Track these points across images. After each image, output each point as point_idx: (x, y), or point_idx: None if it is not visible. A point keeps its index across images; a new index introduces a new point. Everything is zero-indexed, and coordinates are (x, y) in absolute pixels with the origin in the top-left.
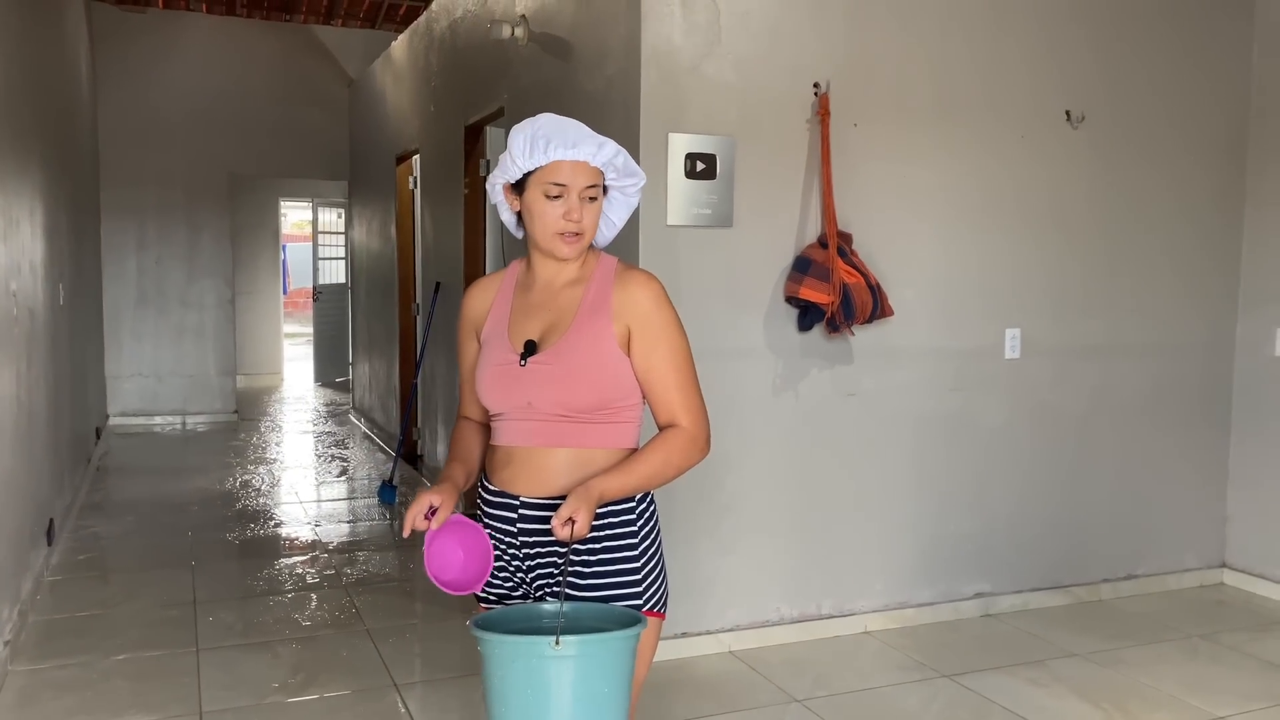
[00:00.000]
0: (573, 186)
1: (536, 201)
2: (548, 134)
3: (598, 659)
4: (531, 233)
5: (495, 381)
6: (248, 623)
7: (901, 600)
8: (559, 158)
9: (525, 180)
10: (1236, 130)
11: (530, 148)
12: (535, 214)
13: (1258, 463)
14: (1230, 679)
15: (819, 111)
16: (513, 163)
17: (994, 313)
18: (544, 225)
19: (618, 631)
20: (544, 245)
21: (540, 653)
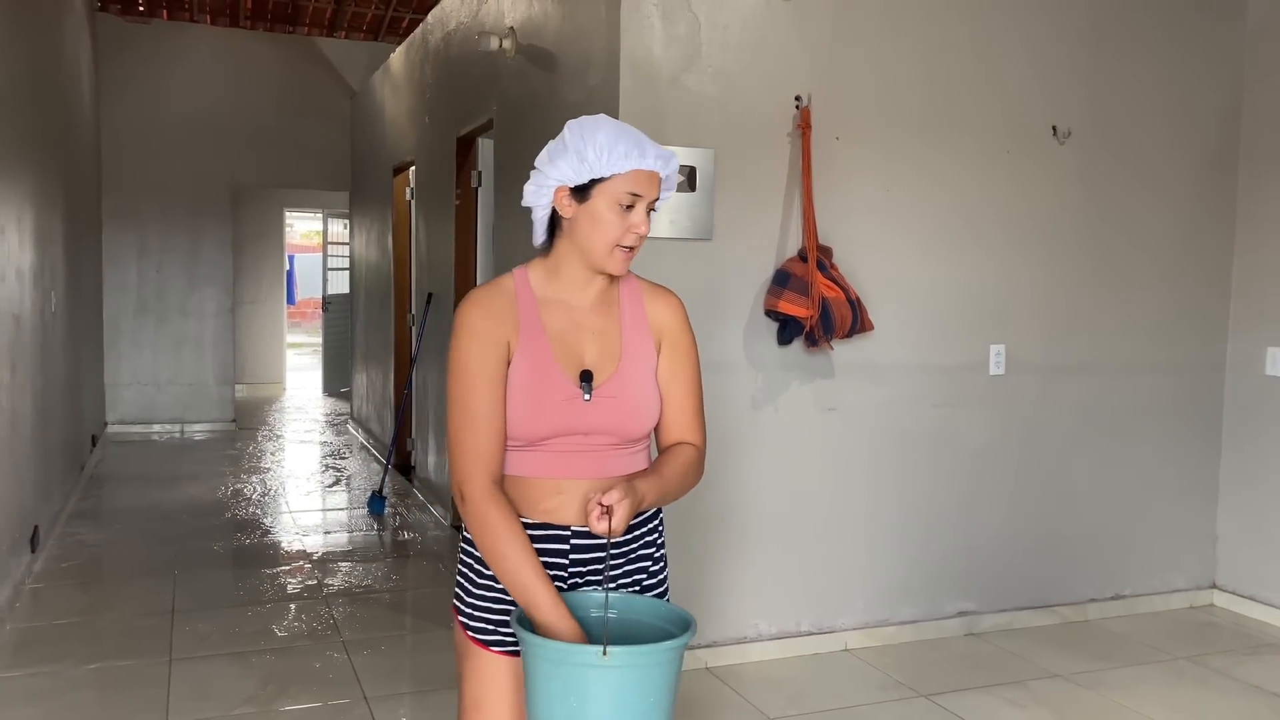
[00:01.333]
0: (646, 198)
1: (604, 210)
2: (627, 139)
3: (644, 670)
4: (582, 243)
5: (554, 415)
6: (224, 633)
7: (883, 618)
8: (642, 166)
9: (590, 186)
10: (1227, 147)
11: (610, 152)
12: (598, 224)
13: (1248, 482)
14: (1215, 703)
15: (800, 124)
16: (583, 164)
17: (978, 329)
18: (605, 237)
19: (665, 644)
20: (596, 259)
21: (586, 661)
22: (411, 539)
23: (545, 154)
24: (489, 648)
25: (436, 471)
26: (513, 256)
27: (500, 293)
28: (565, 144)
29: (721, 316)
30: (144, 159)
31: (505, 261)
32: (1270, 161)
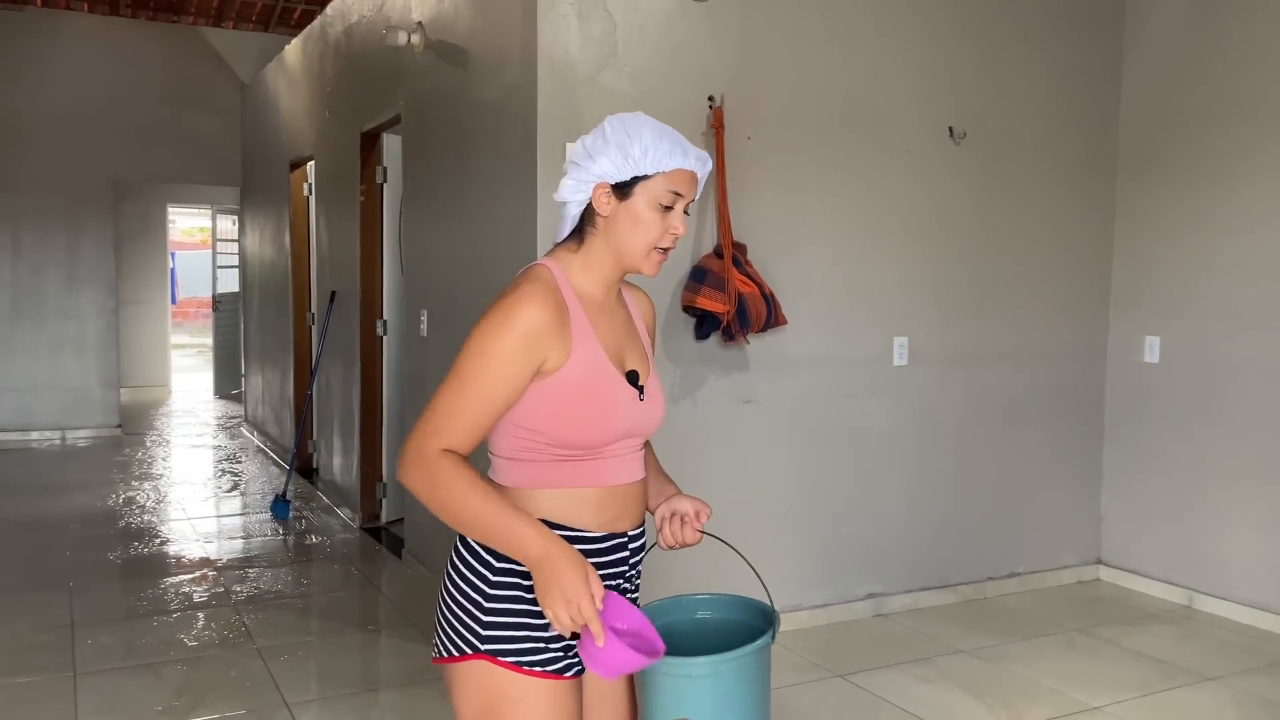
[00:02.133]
0: (686, 198)
1: (644, 210)
2: (670, 138)
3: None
4: (620, 242)
5: (624, 418)
6: (130, 645)
7: (796, 603)
8: (685, 166)
9: (633, 184)
10: (1108, 147)
11: (655, 149)
12: (639, 223)
13: (1129, 464)
14: (1105, 671)
15: (714, 124)
16: (626, 161)
17: (882, 321)
18: (644, 237)
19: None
20: (632, 259)
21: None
22: (319, 542)
23: (582, 149)
24: (532, 669)
25: (342, 473)
26: (422, 253)
27: (555, 294)
28: (607, 139)
29: None
30: (17, 153)
31: (414, 258)
32: (1147, 162)
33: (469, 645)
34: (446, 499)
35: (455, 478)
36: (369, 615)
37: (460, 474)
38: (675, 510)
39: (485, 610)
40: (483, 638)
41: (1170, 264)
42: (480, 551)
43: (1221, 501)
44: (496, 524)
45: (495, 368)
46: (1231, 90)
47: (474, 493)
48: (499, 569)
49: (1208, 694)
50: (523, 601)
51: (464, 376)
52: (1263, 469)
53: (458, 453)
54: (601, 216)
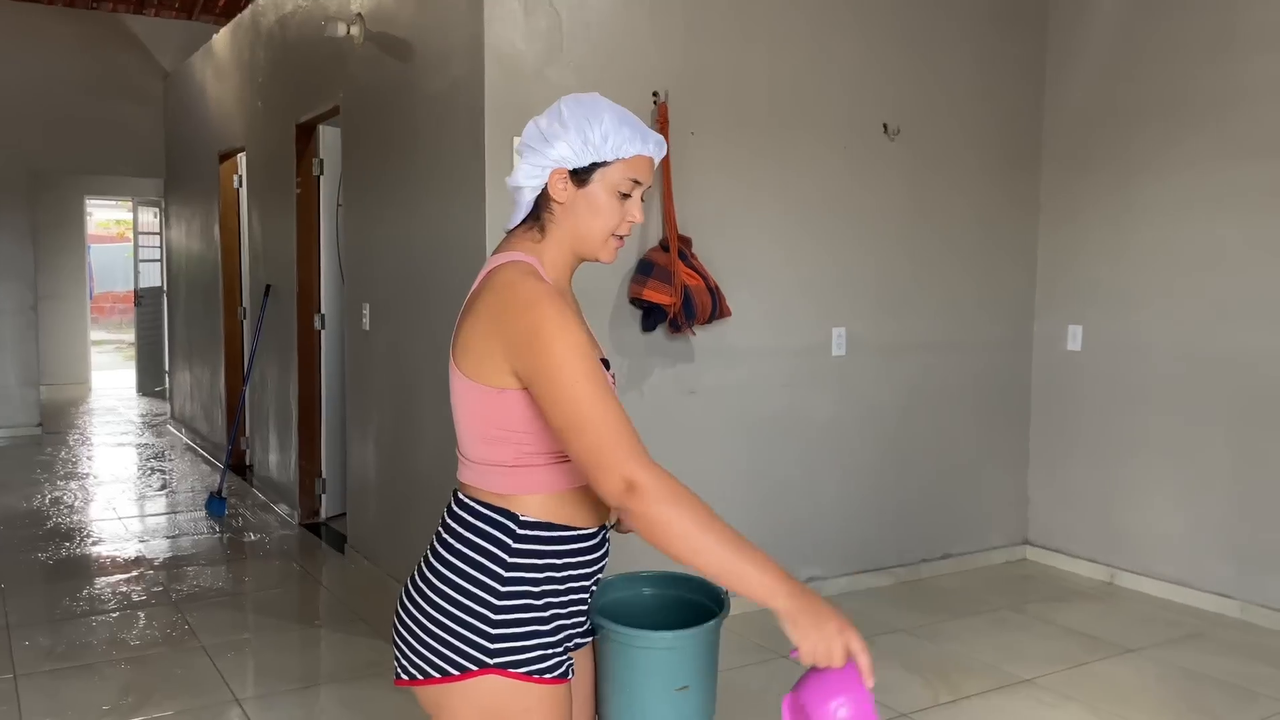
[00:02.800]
0: (644, 185)
1: (603, 196)
2: (630, 123)
3: (693, 649)
4: (577, 230)
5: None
6: (69, 645)
7: None
8: (644, 152)
9: (591, 170)
10: (1031, 145)
11: (615, 135)
12: (597, 210)
13: (1054, 448)
14: (1035, 645)
15: (658, 120)
16: (586, 146)
17: (822, 313)
18: (602, 224)
19: (710, 623)
20: (589, 247)
21: (654, 645)
22: (258, 539)
23: (538, 132)
24: (543, 678)
25: (279, 470)
26: (363, 246)
27: (549, 284)
28: (565, 122)
29: (587, 305)
30: None
31: (355, 252)
32: (1068, 159)
33: (473, 661)
34: (685, 529)
35: (691, 503)
36: (313, 610)
37: (694, 499)
38: None
39: (494, 622)
40: (492, 651)
41: (1092, 255)
42: (482, 560)
43: (1141, 482)
44: (740, 559)
45: (593, 373)
46: (1151, 88)
47: (711, 523)
48: (509, 577)
49: (1131, 665)
50: (532, 609)
51: (589, 385)
52: (1179, 451)
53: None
54: (557, 203)
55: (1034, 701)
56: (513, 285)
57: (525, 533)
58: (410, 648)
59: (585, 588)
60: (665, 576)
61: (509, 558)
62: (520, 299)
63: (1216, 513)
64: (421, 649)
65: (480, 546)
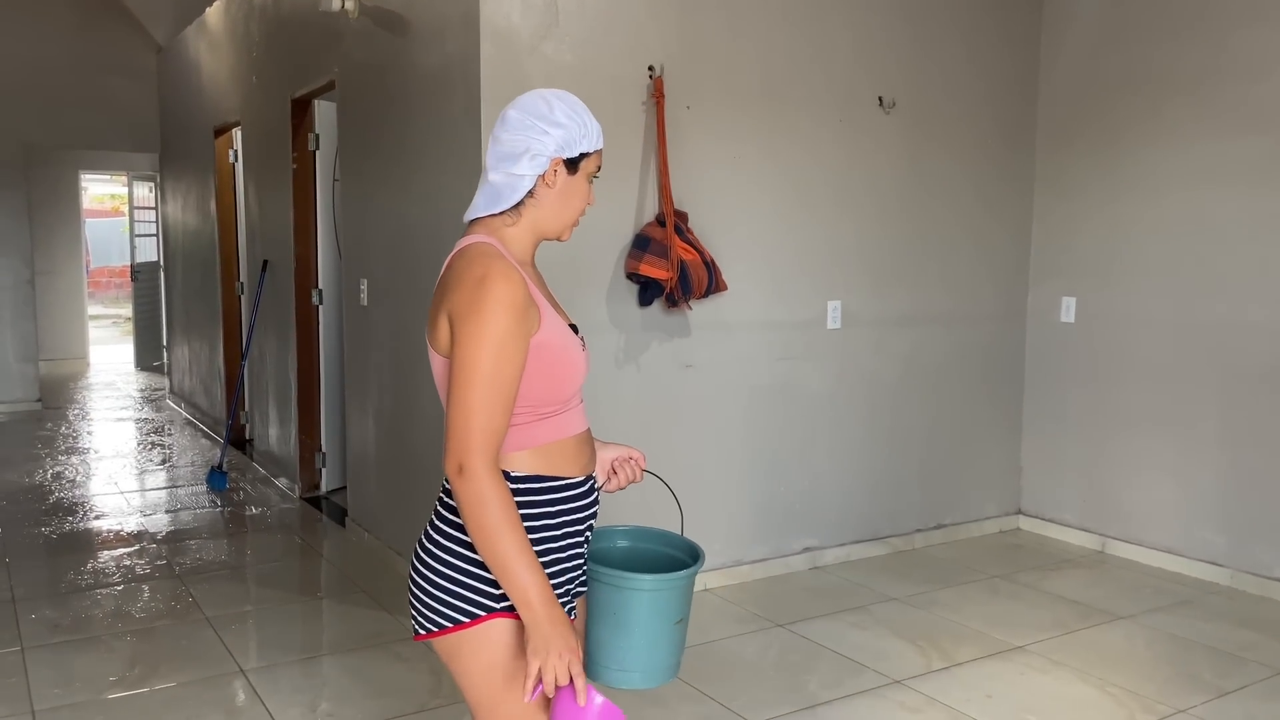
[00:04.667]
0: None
1: (581, 184)
2: (593, 116)
3: (670, 593)
4: (554, 213)
5: (581, 368)
6: (75, 618)
7: (737, 558)
8: (600, 144)
9: (580, 159)
10: (1026, 117)
11: (593, 127)
12: (574, 196)
13: (1046, 419)
14: (1026, 613)
15: (654, 94)
16: (586, 139)
17: (817, 286)
18: (574, 208)
19: (686, 570)
20: (556, 228)
21: (633, 586)
22: (260, 513)
23: (533, 124)
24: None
25: (279, 444)
26: (360, 221)
27: (514, 265)
28: (555, 117)
29: (584, 280)
30: None
31: (352, 227)
32: (1062, 132)
33: (482, 608)
34: (490, 523)
35: (501, 509)
36: (315, 583)
37: (504, 505)
38: (619, 456)
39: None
40: (498, 596)
41: (1085, 228)
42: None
43: (1132, 453)
44: (521, 570)
45: (508, 351)
46: (1144, 61)
47: (514, 531)
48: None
49: (1121, 631)
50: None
51: (481, 371)
52: (1169, 421)
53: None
54: (547, 187)
55: (1025, 667)
56: (471, 263)
57: (517, 487)
58: (423, 604)
59: (580, 533)
60: (639, 530)
61: None
62: (473, 275)
63: (1207, 482)
64: (433, 603)
65: None
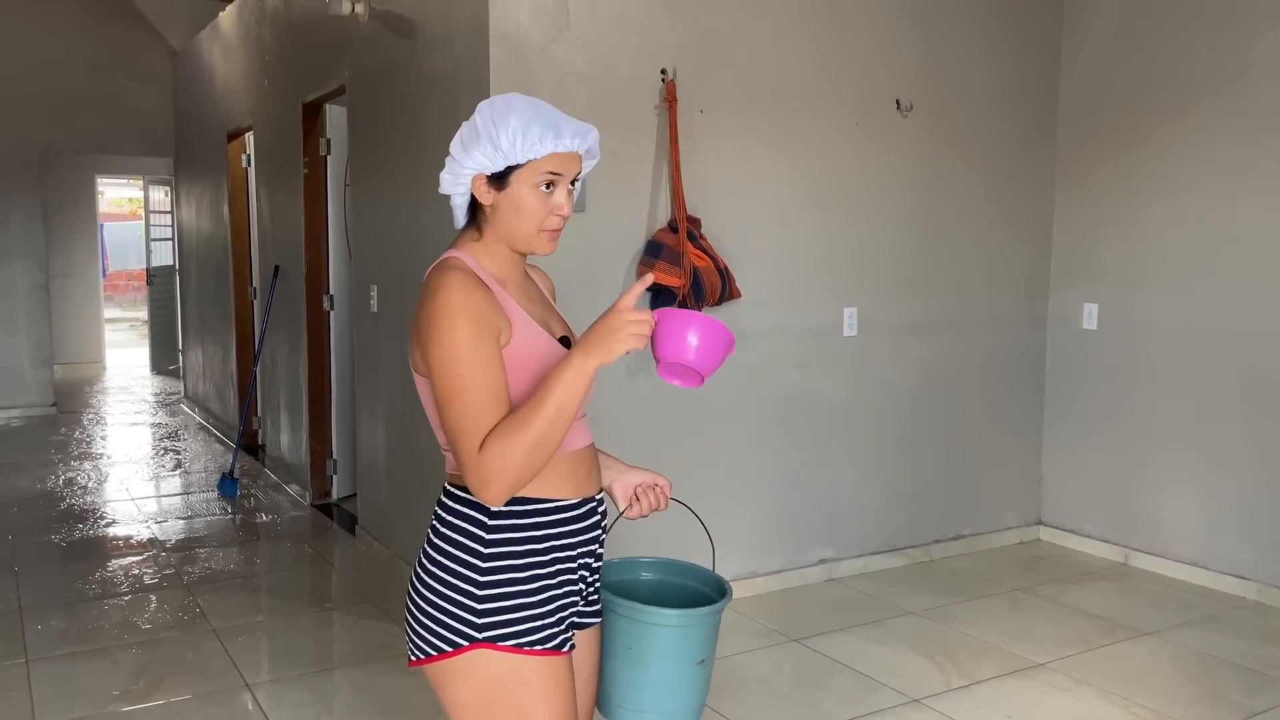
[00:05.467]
0: (566, 176)
1: (525, 196)
2: (541, 121)
3: (694, 630)
4: (508, 228)
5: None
6: (81, 629)
7: (752, 569)
8: (558, 149)
9: (509, 173)
10: (1047, 119)
11: (523, 138)
12: (521, 209)
13: (1068, 428)
14: (1048, 628)
15: (666, 98)
16: (498, 152)
17: (833, 293)
18: (530, 221)
19: (712, 606)
20: (522, 242)
21: (654, 621)
22: (270, 521)
23: (458, 141)
24: (533, 649)
25: (290, 450)
26: (371, 227)
27: (474, 277)
28: (478, 131)
29: (596, 287)
30: None
31: (364, 233)
32: (1084, 134)
33: (463, 637)
34: (532, 449)
35: (511, 439)
36: (325, 593)
37: (505, 434)
38: (643, 482)
39: (479, 598)
40: (479, 626)
41: (1108, 233)
42: (464, 540)
43: (1156, 462)
44: (554, 401)
45: (478, 358)
46: (1168, 63)
47: (527, 422)
48: (488, 554)
49: (1145, 648)
50: (516, 583)
51: (459, 383)
52: (1194, 430)
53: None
54: (485, 205)
55: (1046, 686)
56: (429, 281)
57: (499, 510)
58: (413, 630)
59: (572, 559)
60: (667, 563)
61: (487, 535)
62: (428, 291)
63: (1233, 493)
64: (421, 630)
65: (461, 528)
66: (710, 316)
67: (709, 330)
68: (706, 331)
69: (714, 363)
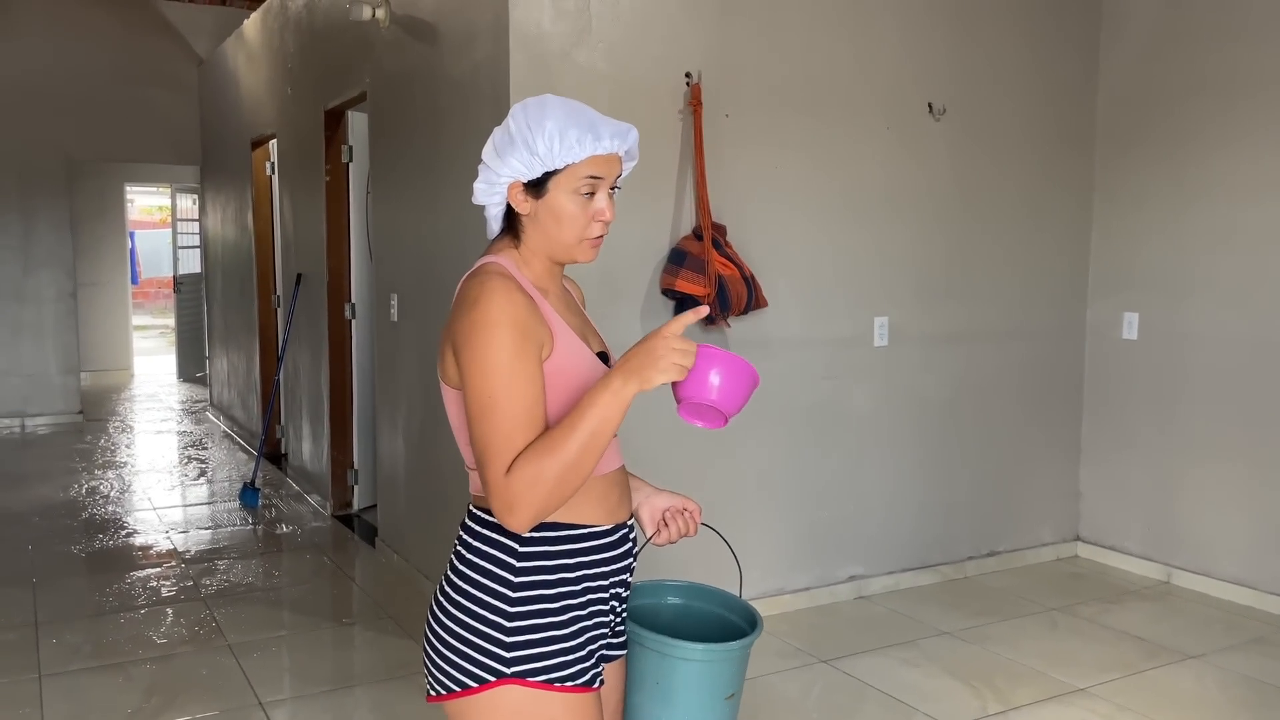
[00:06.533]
0: (607, 180)
1: (566, 203)
2: (579, 123)
3: (722, 664)
4: (549, 238)
5: None
6: (96, 643)
7: (779, 587)
8: (597, 151)
9: (546, 179)
10: (1085, 123)
11: (560, 141)
12: (562, 217)
13: (1107, 440)
14: (1088, 650)
15: (691, 102)
16: (534, 158)
17: (863, 301)
18: (572, 229)
19: (741, 641)
20: (564, 252)
21: (680, 654)
22: (290, 531)
23: (491, 147)
24: (564, 685)
25: (312, 460)
26: (391, 234)
27: (518, 286)
28: (512, 136)
29: (618, 296)
30: None
31: (385, 241)
32: (1124, 138)
33: (491, 672)
34: (562, 476)
35: (540, 464)
36: (343, 608)
37: (534, 458)
38: (672, 506)
39: (508, 630)
40: (508, 660)
41: (1149, 239)
42: (492, 568)
43: (1199, 477)
44: (589, 426)
45: (517, 371)
46: (1209, 64)
47: (559, 446)
48: (519, 584)
49: (1191, 672)
50: (548, 614)
51: (495, 399)
52: (1240, 444)
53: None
54: (522, 215)
55: (1088, 713)
56: (468, 287)
57: (530, 535)
58: (434, 663)
59: (604, 588)
60: (694, 588)
61: (517, 563)
62: (469, 298)
63: None
64: (443, 663)
65: (489, 555)
66: (733, 354)
67: (732, 367)
68: (729, 369)
69: (738, 402)
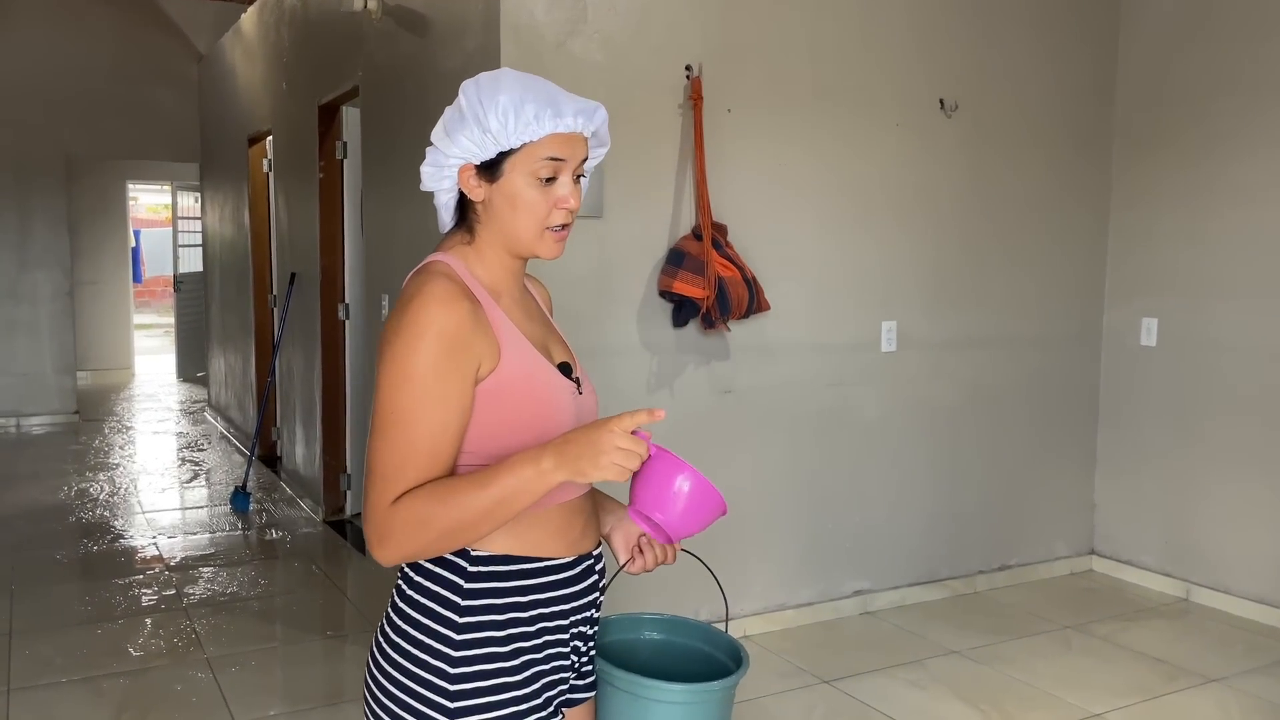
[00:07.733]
0: (570, 163)
1: (523, 188)
2: (537, 97)
3: (703, 705)
4: (505, 228)
5: (564, 416)
6: (70, 656)
7: (781, 602)
8: (559, 129)
9: (501, 161)
10: (1101, 122)
11: (516, 116)
12: (519, 203)
13: (1124, 451)
14: (1103, 672)
15: (691, 96)
16: (486, 135)
17: (870, 306)
18: (529, 217)
19: (724, 680)
20: (523, 245)
21: (653, 695)
22: (280, 537)
23: (440, 127)
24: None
25: (305, 463)
26: (384, 233)
27: (462, 289)
28: (462, 112)
29: (614, 298)
30: None
31: (377, 239)
32: (1142, 139)
33: (438, 701)
34: (450, 531)
35: (431, 509)
36: (330, 620)
37: (428, 500)
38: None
39: (452, 677)
40: (452, 711)
41: (1168, 242)
42: (434, 606)
43: (1220, 490)
44: (498, 493)
45: (430, 390)
46: (1229, 64)
47: (457, 499)
48: (464, 624)
49: (1212, 697)
50: (497, 658)
51: (399, 415)
52: (1264, 455)
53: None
54: (475, 202)
55: None
56: (406, 288)
57: (480, 569)
58: (373, 713)
59: (564, 628)
60: (674, 622)
61: (463, 600)
62: (403, 298)
63: None
64: (382, 713)
65: (431, 592)
66: (704, 477)
67: (700, 491)
68: (697, 491)
69: (694, 528)
